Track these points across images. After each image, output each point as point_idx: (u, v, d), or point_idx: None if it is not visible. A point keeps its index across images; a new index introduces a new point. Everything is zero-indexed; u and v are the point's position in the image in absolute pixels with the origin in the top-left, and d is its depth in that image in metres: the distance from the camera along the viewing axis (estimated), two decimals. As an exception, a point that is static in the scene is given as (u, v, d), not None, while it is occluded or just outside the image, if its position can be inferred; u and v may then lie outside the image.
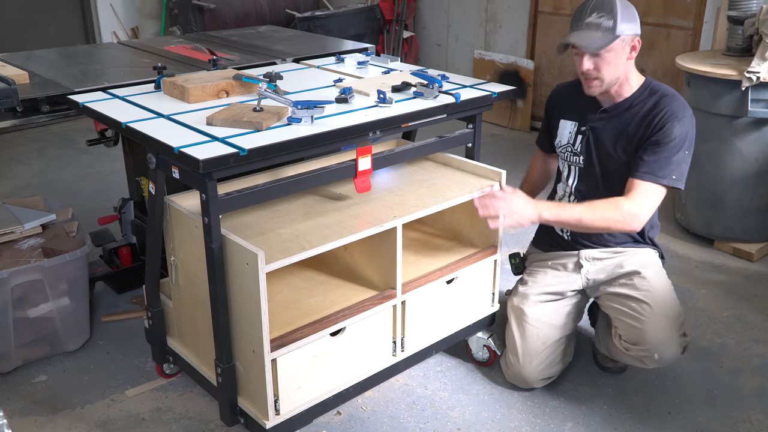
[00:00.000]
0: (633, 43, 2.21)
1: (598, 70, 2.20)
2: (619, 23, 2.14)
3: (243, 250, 1.83)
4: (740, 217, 3.42)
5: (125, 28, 6.33)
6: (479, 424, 2.31)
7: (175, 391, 2.45)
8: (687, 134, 2.21)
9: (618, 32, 2.14)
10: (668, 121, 2.20)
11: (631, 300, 2.26)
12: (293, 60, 2.94)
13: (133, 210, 2.98)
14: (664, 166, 2.18)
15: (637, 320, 2.23)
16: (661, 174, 2.18)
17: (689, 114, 2.23)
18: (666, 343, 2.20)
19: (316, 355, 2.04)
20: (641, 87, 2.30)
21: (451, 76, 2.64)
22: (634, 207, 2.17)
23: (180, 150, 1.80)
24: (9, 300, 2.43)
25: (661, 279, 2.32)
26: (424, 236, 2.59)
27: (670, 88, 2.30)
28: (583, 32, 2.16)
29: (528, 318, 2.38)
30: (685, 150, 2.20)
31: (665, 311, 2.23)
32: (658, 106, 2.23)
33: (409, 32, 6.19)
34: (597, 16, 2.15)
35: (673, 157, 2.18)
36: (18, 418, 2.32)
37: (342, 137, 2.03)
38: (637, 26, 2.20)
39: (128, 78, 2.54)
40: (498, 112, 5.55)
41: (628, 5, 2.19)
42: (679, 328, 2.23)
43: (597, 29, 2.15)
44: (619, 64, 2.20)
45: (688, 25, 4.45)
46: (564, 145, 2.43)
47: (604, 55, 2.17)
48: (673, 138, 2.18)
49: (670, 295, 2.29)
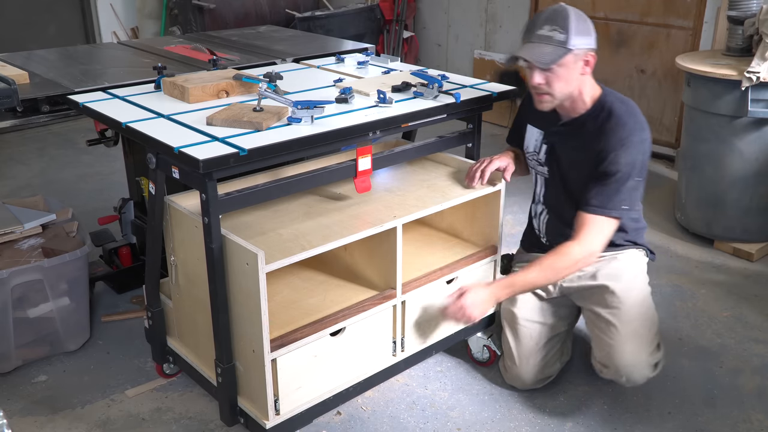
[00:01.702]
0: (586, 57, 2.11)
1: (549, 84, 2.11)
2: (571, 37, 2.04)
3: (243, 250, 1.83)
4: (740, 217, 3.42)
5: (125, 28, 6.33)
6: (479, 424, 2.31)
7: (175, 391, 2.45)
8: (634, 162, 2.12)
9: (570, 46, 2.05)
10: (613, 150, 2.11)
11: (601, 320, 2.25)
12: (293, 60, 2.94)
13: (133, 210, 2.98)
14: (613, 197, 2.12)
15: (606, 343, 2.22)
16: (611, 206, 2.12)
17: (638, 139, 2.12)
18: (632, 366, 2.17)
19: (316, 355, 2.04)
20: (595, 104, 2.19)
21: (451, 76, 2.64)
22: (586, 248, 2.14)
23: (180, 150, 1.80)
24: (9, 300, 2.43)
25: (632, 291, 2.26)
26: (424, 236, 2.59)
27: (625, 105, 2.18)
28: (534, 45, 2.09)
29: (519, 319, 2.38)
30: (634, 178, 2.13)
31: (634, 330, 2.19)
32: (604, 133, 2.14)
33: (409, 32, 6.19)
34: (549, 29, 2.06)
35: (621, 188, 2.12)
36: (18, 418, 2.32)
37: (342, 137, 2.03)
38: (591, 40, 2.10)
39: (128, 78, 2.54)
40: (498, 112, 5.54)
41: (583, 18, 2.10)
42: (648, 345, 2.20)
43: (548, 43, 2.06)
44: (571, 79, 2.11)
45: (688, 25, 4.45)
46: (530, 153, 2.40)
47: (556, 69, 2.07)
48: (619, 169, 2.10)
49: (642, 308, 2.24)
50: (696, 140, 3.48)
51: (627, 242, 2.34)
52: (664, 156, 4.72)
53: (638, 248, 2.37)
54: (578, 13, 2.10)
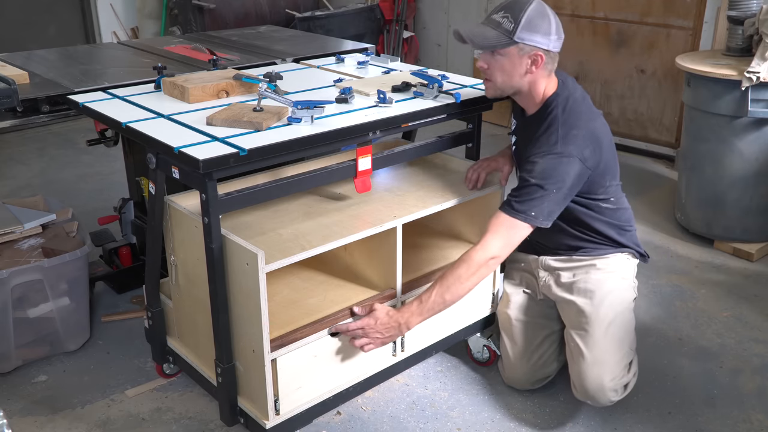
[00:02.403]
0: (534, 56, 2.04)
1: (490, 71, 2.10)
2: (520, 29, 1.99)
3: (243, 250, 1.83)
4: (740, 217, 3.42)
5: (125, 28, 6.33)
6: (479, 424, 2.31)
7: (175, 391, 2.44)
8: (549, 173, 2.02)
9: (516, 38, 2.00)
10: (534, 156, 2.06)
11: (571, 340, 2.24)
12: (293, 60, 2.94)
13: (133, 210, 2.98)
14: (524, 201, 2.03)
15: (573, 366, 2.22)
16: (519, 208, 2.03)
17: (559, 151, 2.03)
18: (595, 392, 2.15)
19: (316, 355, 2.04)
20: (543, 105, 2.14)
21: (451, 76, 2.64)
22: (487, 253, 2.04)
23: (180, 150, 1.80)
24: (9, 300, 2.43)
25: (602, 309, 2.19)
26: (424, 236, 2.59)
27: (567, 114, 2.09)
28: (481, 26, 2.06)
29: (512, 320, 2.39)
30: (550, 189, 2.02)
31: (598, 356, 2.15)
32: (536, 139, 2.09)
33: (409, 32, 6.19)
34: (501, 15, 2.03)
35: (535, 194, 2.02)
36: (18, 418, 2.32)
37: (342, 137, 2.03)
38: (546, 41, 2.03)
39: (128, 78, 2.54)
40: (498, 112, 5.53)
41: (544, 16, 2.02)
42: (612, 371, 2.14)
43: (495, 28, 2.03)
44: (514, 73, 2.07)
45: (688, 25, 4.45)
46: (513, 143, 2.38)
47: (499, 58, 2.05)
48: (532, 176, 2.03)
49: (611, 329, 2.18)
50: (696, 140, 3.49)
51: (609, 245, 2.29)
52: (664, 156, 4.72)
53: (623, 251, 2.32)
54: (541, 10, 2.03)
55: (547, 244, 2.34)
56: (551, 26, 2.04)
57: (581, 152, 2.05)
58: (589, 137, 2.08)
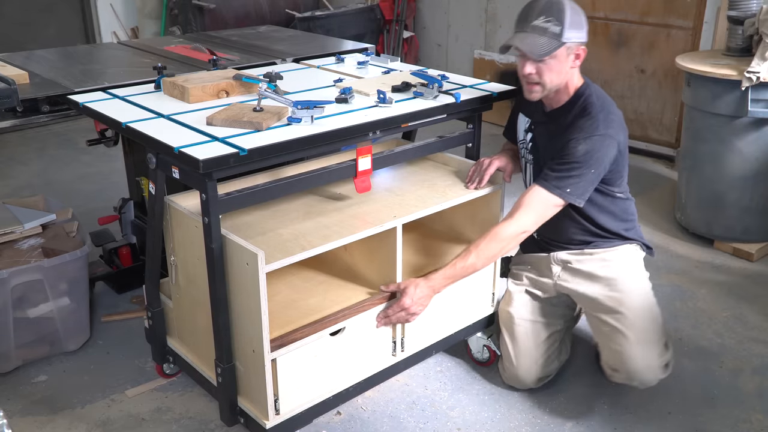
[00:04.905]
0: (578, 51, 2.12)
1: (540, 75, 2.12)
2: (566, 30, 2.05)
3: (243, 250, 1.83)
4: (740, 217, 3.42)
5: (125, 28, 6.33)
6: (479, 424, 2.31)
7: (175, 391, 2.45)
8: (591, 153, 2.10)
9: (564, 39, 2.06)
10: (575, 139, 2.13)
11: (606, 325, 2.24)
12: (293, 60, 2.94)
13: (133, 210, 2.98)
14: (563, 178, 2.11)
15: (614, 349, 2.22)
16: (555, 185, 2.12)
17: (601, 134, 2.12)
18: (643, 371, 2.18)
19: (316, 355, 2.04)
20: (574, 96, 2.20)
21: (451, 76, 2.64)
22: (518, 225, 2.14)
23: (180, 150, 1.80)
24: (9, 300, 2.43)
25: (633, 293, 2.25)
26: (424, 236, 2.59)
27: (601, 101, 2.19)
28: (529, 36, 2.08)
29: (515, 319, 2.39)
30: (590, 169, 2.11)
31: (641, 334, 2.19)
32: (574, 125, 2.15)
33: (409, 32, 6.19)
34: (544, 20, 2.06)
35: (573, 172, 2.11)
36: (18, 418, 2.32)
37: (342, 137, 2.03)
38: (584, 34, 2.12)
39: (128, 78, 2.54)
40: (498, 112, 5.51)
41: (578, 11, 2.10)
42: (656, 346, 2.20)
43: (543, 34, 2.06)
44: (562, 71, 2.13)
45: (688, 25, 4.45)
46: (520, 141, 2.41)
47: (548, 61, 2.08)
48: (574, 155, 2.11)
49: (644, 309, 2.23)
50: (696, 140, 3.49)
51: (615, 236, 2.32)
52: (664, 156, 4.72)
53: (631, 243, 2.35)
54: (573, 5, 2.10)
55: (557, 239, 2.36)
56: (584, 18, 2.13)
57: (618, 136, 2.16)
58: (621, 123, 2.20)
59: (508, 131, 2.53)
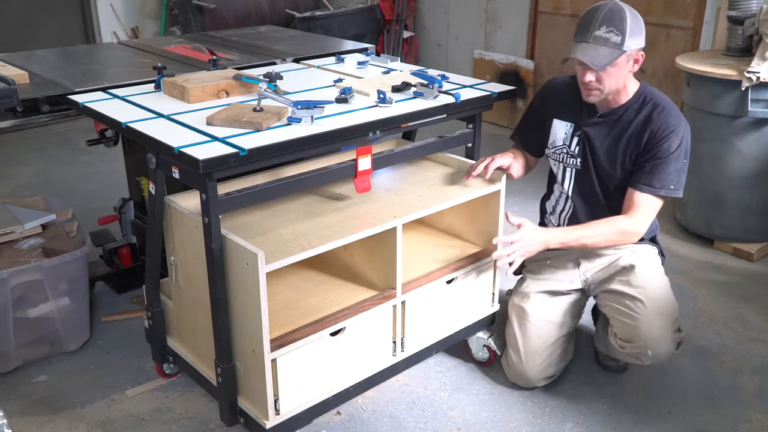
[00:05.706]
0: (637, 56, 2.18)
1: (599, 81, 2.17)
2: (627, 39, 2.10)
3: (243, 250, 1.83)
4: (740, 217, 3.42)
5: (125, 28, 6.33)
6: (479, 424, 2.31)
7: (175, 391, 2.45)
8: (684, 145, 2.22)
9: (625, 48, 2.10)
10: (665, 135, 2.20)
11: (626, 297, 2.27)
12: (293, 60, 2.94)
13: (133, 210, 2.98)
14: (663, 177, 2.21)
15: (631, 318, 2.24)
16: (659, 185, 2.21)
17: (684, 123, 2.23)
18: (659, 340, 2.21)
19: (316, 355, 2.04)
20: (636, 94, 2.27)
21: (451, 76, 2.64)
22: (634, 224, 2.23)
23: (180, 150, 1.80)
24: (9, 300, 2.43)
25: (655, 275, 2.34)
26: (424, 236, 2.59)
27: (663, 95, 2.29)
28: (590, 47, 2.12)
29: (529, 317, 2.38)
30: (683, 159, 2.22)
31: (659, 308, 2.24)
32: (653, 120, 2.22)
33: (409, 32, 6.19)
34: (606, 30, 2.11)
35: (670, 168, 2.20)
36: (18, 418, 2.32)
37: (342, 137, 2.03)
38: (642, 39, 2.16)
39: (128, 78, 2.54)
40: (498, 112, 5.55)
41: (637, 17, 2.14)
42: (672, 324, 2.25)
43: (605, 44, 2.11)
44: (621, 76, 2.19)
45: (688, 25, 4.45)
46: (558, 147, 2.41)
47: (609, 69, 2.14)
48: (671, 152, 2.19)
49: (665, 291, 2.31)
50: (696, 140, 3.44)
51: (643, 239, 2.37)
52: (664, 156, 4.72)
53: (653, 246, 2.43)
54: (633, 12, 2.14)
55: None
56: (642, 23, 2.16)
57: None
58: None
59: (524, 137, 2.52)
